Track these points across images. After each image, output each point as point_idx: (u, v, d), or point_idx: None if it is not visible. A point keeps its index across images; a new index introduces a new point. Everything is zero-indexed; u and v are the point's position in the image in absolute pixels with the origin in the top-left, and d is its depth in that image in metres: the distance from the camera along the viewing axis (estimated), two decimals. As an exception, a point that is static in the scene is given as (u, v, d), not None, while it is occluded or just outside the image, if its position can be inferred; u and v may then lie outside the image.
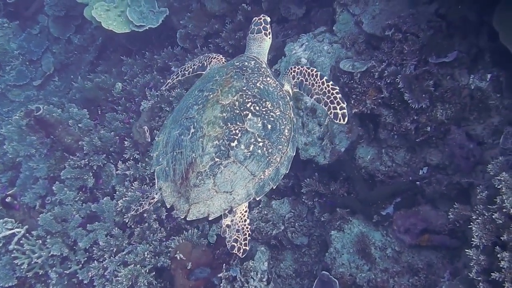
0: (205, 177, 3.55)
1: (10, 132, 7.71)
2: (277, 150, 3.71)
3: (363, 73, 5.41)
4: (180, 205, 3.65)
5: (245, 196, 3.61)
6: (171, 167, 3.76)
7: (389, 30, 5.41)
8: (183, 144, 3.69)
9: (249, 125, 3.64)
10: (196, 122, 3.70)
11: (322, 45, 5.90)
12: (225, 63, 4.45)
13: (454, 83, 5.12)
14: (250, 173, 3.60)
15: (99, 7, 8.25)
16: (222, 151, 3.56)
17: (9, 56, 10.74)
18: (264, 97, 3.81)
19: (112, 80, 8.42)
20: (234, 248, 3.74)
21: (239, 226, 3.79)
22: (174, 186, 3.73)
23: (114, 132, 7.33)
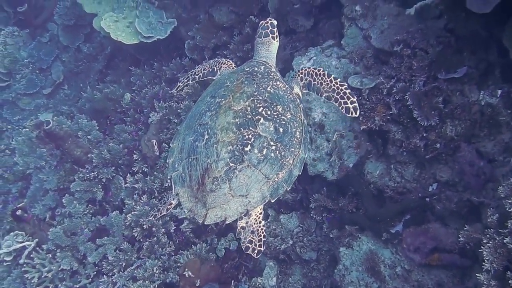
0: (221, 182, 3.61)
1: (20, 144, 7.76)
2: (290, 153, 3.77)
3: (371, 89, 5.38)
4: (198, 210, 3.72)
5: (260, 199, 3.68)
6: (187, 173, 3.82)
7: (397, 45, 5.39)
8: (198, 150, 3.75)
9: (262, 130, 3.70)
10: (209, 128, 3.76)
11: (330, 60, 5.87)
12: (235, 69, 4.48)
13: (463, 99, 5.08)
14: (264, 176, 3.66)
15: (107, 18, 8.25)
16: (236, 156, 3.62)
17: (19, 64, 10.78)
18: (275, 101, 3.87)
19: (121, 90, 8.43)
20: (249, 249, 3.76)
21: (254, 228, 3.82)
22: (191, 191, 3.79)
23: (123, 144, 7.34)
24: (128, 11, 8.44)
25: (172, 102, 7.49)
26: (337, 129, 5.69)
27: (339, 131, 5.66)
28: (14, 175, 8.50)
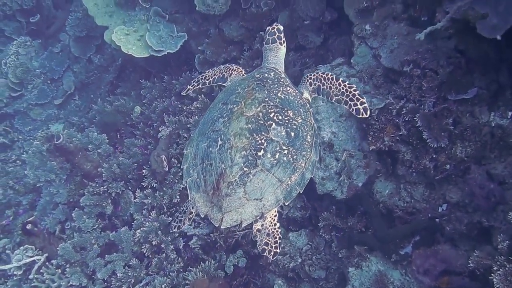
0: (235, 187, 3.72)
1: (31, 157, 7.83)
2: (301, 156, 3.88)
3: (381, 109, 5.37)
4: (214, 214, 3.82)
5: (274, 202, 3.79)
6: (202, 179, 3.93)
7: (407, 65, 5.36)
8: (212, 156, 3.85)
9: (274, 134, 3.80)
10: (223, 134, 3.86)
11: (340, 79, 5.84)
12: (246, 76, 4.59)
13: (474, 120, 5.05)
14: (278, 180, 3.77)
15: (119, 31, 8.29)
16: (250, 161, 3.72)
17: (31, 74, 10.88)
18: (285, 106, 3.98)
19: (131, 103, 8.47)
20: (265, 251, 3.87)
21: (270, 230, 3.93)
22: (207, 196, 3.88)
23: (132, 158, 7.37)
24: (139, 24, 8.48)
25: (182, 117, 7.51)
26: (346, 148, 5.67)
27: (348, 150, 5.65)
28: (24, 186, 8.57)
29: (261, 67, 4.60)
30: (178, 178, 6.83)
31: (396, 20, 5.75)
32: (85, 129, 9.40)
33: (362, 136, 5.68)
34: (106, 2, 9.00)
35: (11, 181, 8.79)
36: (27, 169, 7.88)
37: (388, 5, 5.78)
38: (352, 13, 6.07)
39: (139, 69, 9.44)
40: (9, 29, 11.61)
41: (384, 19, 5.80)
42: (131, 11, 8.75)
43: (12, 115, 10.77)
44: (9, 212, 8.43)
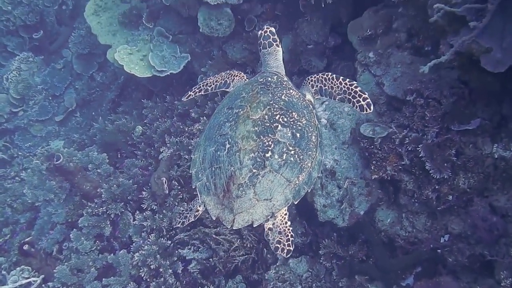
0: (245, 188, 3.79)
1: (30, 176, 7.78)
2: (307, 156, 3.97)
3: (383, 138, 5.34)
4: (225, 216, 3.89)
5: (284, 202, 3.87)
6: (211, 182, 3.99)
7: (410, 95, 5.36)
8: (220, 159, 3.93)
9: (280, 136, 3.89)
10: (230, 138, 3.94)
11: (343, 106, 5.83)
12: (249, 80, 4.69)
13: (476, 151, 5.01)
14: (286, 180, 3.85)
15: (122, 50, 8.31)
16: (258, 163, 3.80)
17: (32, 90, 10.88)
18: (290, 108, 4.07)
19: (133, 123, 8.44)
20: (278, 249, 3.94)
21: (281, 228, 4.00)
22: (217, 199, 3.95)
23: (132, 179, 7.33)
24: (142, 44, 8.50)
25: (183, 138, 7.48)
26: (348, 176, 5.64)
27: (351, 178, 5.61)
28: (23, 205, 8.51)
29: (263, 72, 4.69)
30: (178, 200, 6.79)
31: (399, 48, 5.75)
32: (85, 146, 9.42)
33: (364, 164, 5.65)
34: (110, 21, 9.04)
35: (9, 199, 8.72)
36: (25, 188, 7.82)
37: (392, 33, 5.78)
38: (356, 40, 6.08)
39: (141, 87, 9.45)
40: (11, 44, 11.64)
41: (388, 48, 5.80)
42: (135, 31, 8.77)
43: (12, 131, 10.75)
44: (6, 231, 8.37)
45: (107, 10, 9.25)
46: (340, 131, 5.69)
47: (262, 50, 4.70)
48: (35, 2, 11.58)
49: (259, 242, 6.39)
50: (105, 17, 9.15)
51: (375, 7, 6.02)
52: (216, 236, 6.34)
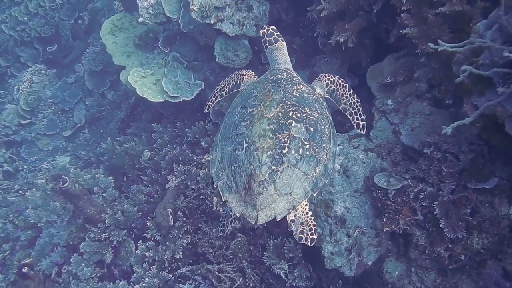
0: (266, 185, 3.91)
1: (35, 196, 7.67)
2: (322, 149, 4.11)
3: (397, 190, 5.23)
4: (249, 213, 4.00)
5: (303, 195, 4.00)
6: (232, 180, 4.09)
7: (428, 148, 5.27)
8: (239, 158, 4.04)
9: (295, 132, 4.02)
10: (247, 137, 4.05)
11: (357, 153, 5.73)
12: (259, 79, 4.78)
13: (493, 212, 4.89)
14: (304, 173, 3.99)
15: (135, 73, 8.24)
16: (276, 159, 3.92)
17: (42, 103, 10.84)
18: (301, 103, 4.21)
19: (141, 147, 8.35)
20: (302, 239, 4.06)
21: (303, 219, 4.12)
22: (239, 197, 4.06)
23: (138, 206, 7.23)
24: (157, 68, 8.44)
25: (191, 167, 7.38)
26: (358, 225, 5.52)
27: (361, 227, 5.50)
28: (24, 222, 8.41)
29: (272, 69, 4.80)
30: (182, 232, 6.68)
31: (419, 98, 5.66)
32: (91, 164, 9.35)
33: (375, 214, 5.53)
34: (125, 42, 9.00)
35: (11, 215, 8.62)
36: (29, 208, 7.70)
37: (412, 82, 5.70)
38: (375, 86, 6.00)
39: (152, 109, 9.39)
40: (25, 55, 11.68)
41: (407, 96, 5.72)
42: (150, 54, 8.73)
43: (20, 143, 10.68)
44: (6, 247, 8.27)
45: (123, 31, 9.22)
46: (353, 179, 5.58)
47: (269, 46, 4.76)
48: (52, 14, 11.63)
49: (261, 282, 6.27)
50: (121, 37, 9.12)
51: (396, 54, 5.94)
52: (219, 273, 6.22)
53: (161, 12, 7.91)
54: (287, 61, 4.86)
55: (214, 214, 6.78)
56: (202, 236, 6.77)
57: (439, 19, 5.00)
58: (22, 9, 11.87)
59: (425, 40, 5.09)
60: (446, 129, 4.19)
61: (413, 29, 5.14)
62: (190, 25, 7.65)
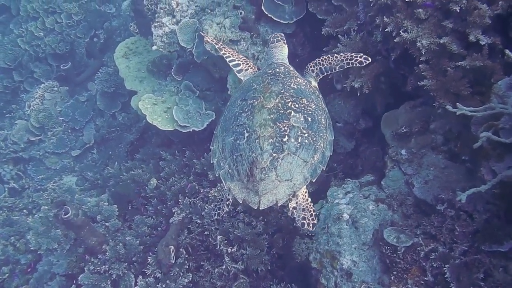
0: (268, 171, 4.08)
1: (37, 222, 7.55)
2: (320, 137, 4.32)
3: (408, 248, 5.01)
4: (251, 198, 4.16)
5: (303, 181, 4.19)
6: (234, 169, 4.26)
7: (441, 204, 5.05)
8: (241, 147, 4.22)
9: (294, 121, 4.22)
10: (248, 127, 4.24)
11: (368, 203, 5.53)
12: (258, 73, 5.08)
13: (507, 277, 4.63)
14: (303, 161, 4.17)
15: (146, 99, 8.13)
16: (277, 147, 4.11)
17: (53, 121, 10.78)
18: (299, 95, 4.44)
19: (148, 174, 8.19)
20: (304, 225, 4.28)
21: (304, 205, 4.33)
22: (242, 184, 4.22)
23: (140, 239, 7.05)
24: (168, 95, 8.33)
25: (197, 200, 7.22)
26: (365, 280, 5.29)
27: (367, 283, 5.26)
28: (25, 245, 8.29)
29: (270, 64, 5.08)
30: (183, 271, 6.50)
31: (434, 150, 5.45)
32: (98, 186, 9.25)
33: (383, 269, 5.31)
34: (138, 67, 8.93)
35: (13, 238, 8.50)
36: (30, 234, 7.56)
37: (428, 134, 5.49)
38: (389, 134, 5.80)
39: (162, 134, 9.24)
40: (38, 71, 11.64)
41: (422, 148, 5.51)
42: (162, 80, 8.64)
43: (27, 160, 10.61)
44: (5, 269, 8.15)
45: (137, 55, 9.17)
46: (362, 231, 5.37)
47: (270, 44, 5.27)
48: (67, 32, 11.63)
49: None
50: (134, 61, 9.07)
51: (413, 102, 5.75)
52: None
53: (175, 41, 7.80)
54: (285, 59, 5.20)
55: (217, 252, 6.59)
56: (204, 274, 6.58)
57: (459, 72, 4.83)
58: (39, 25, 11.93)
59: (443, 93, 4.93)
60: (461, 196, 4.00)
61: (431, 81, 4.97)
62: (204, 56, 7.52)
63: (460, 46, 4.88)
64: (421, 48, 4.94)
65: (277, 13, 7.01)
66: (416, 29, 5.02)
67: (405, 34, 5.02)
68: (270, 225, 6.60)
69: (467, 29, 4.73)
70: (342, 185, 6.04)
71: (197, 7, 7.87)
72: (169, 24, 7.92)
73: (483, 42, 4.67)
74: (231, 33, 7.10)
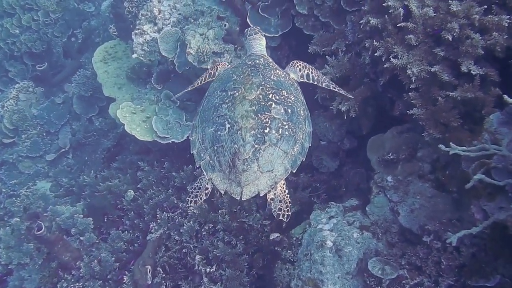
0: (250, 162, 4.19)
1: (7, 235, 7.25)
2: (299, 129, 4.45)
3: (392, 280, 4.90)
4: (233, 189, 4.27)
5: (284, 171, 4.34)
6: (215, 160, 4.37)
7: (427, 235, 4.96)
8: (222, 138, 4.30)
9: (275, 113, 4.32)
10: (230, 118, 4.31)
11: (352, 231, 5.39)
12: (236, 64, 5.12)
13: (492, 313, 4.58)
14: (284, 152, 4.30)
15: (125, 107, 7.87)
16: (259, 138, 4.21)
17: (27, 123, 10.40)
18: (279, 87, 4.53)
19: (125, 186, 7.94)
20: (280, 216, 4.37)
21: (281, 197, 4.41)
22: (223, 174, 4.34)
23: (115, 255, 6.83)
24: (148, 104, 8.08)
25: (176, 215, 7.02)
26: (348, 310, 5.18)
27: (350, 312, 5.16)
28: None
29: (249, 55, 5.14)
30: (160, 291, 6.31)
31: (421, 179, 5.33)
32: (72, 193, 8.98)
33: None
34: (117, 73, 8.67)
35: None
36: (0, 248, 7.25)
37: (415, 162, 5.38)
38: (375, 160, 5.68)
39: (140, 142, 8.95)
40: (14, 70, 11.25)
41: (409, 175, 5.39)
42: (142, 88, 8.36)
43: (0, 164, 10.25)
44: (-28, 283, 7.83)
45: (116, 60, 8.89)
46: (345, 260, 5.23)
47: (248, 37, 5.31)
48: (44, 30, 11.23)
49: None
50: (113, 67, 8.79)
51: (400, 127, 5.63)
52: None
53: (157, 50, 7.55)
54: (263, 50, 5.28)
55: (196, 272, 6.40)
56: (181, 294, 6.41)
57: (449, 102, 4.71)
58: (15, 21, 11.47)
59: (432, 123, 4.82)
60: (451, 239, 3.92)
61: (421, 110, 4.85)
62: (185, 66, 7.29)
63: (451, 75, 4.77)
64: (411, 75, 4.81)
65: (263, 26, 6.79)
66: (406, 56, 4.90)
67: (395, 60, 4.89)
68: (250, 245, 6.42)
69: (459, 58, 4.63)
70: (326, 208, 5.89)
71: (179, 15, 7.63)
72: (150, 32, 7.67)
73: (474, 73, 4.55)
74: (215, 45, 6.88)
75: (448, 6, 4.67)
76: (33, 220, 7.05)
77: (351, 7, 6.06)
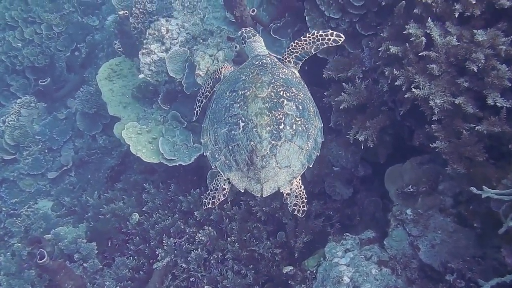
0: (268, 159, 4.16)
1: (8, 261, 7.01)
2: (311, 125, 4.42)
3: (413, 322, 4.68)
4: (253, 187, 4.25)
5: (301, 167, 4.33)
6: (231, 159, 4.29)
7: (450, 274, 4.71)
8: (236, 137, 4.24)
9: (288, 109, 4.29)
10: (243, 116, 4.25)
11: (370, 266, 5.16)
12: (243, 65, 4.99)
13: None
14: (299, 147, 4.28)
15: (130, 128, 7.66)
16: (275, 134, 4.18)
17: (29, 140, 10.19)
18: (288, 84, 4.51)
19: (130, 209, 7.71)
20: (295, 211, 4.37)
21: (297, 192, 4.39)
22: (241, 173, 4.29)
23: (120, 284, 6.61)
24: (154, 124, 7.88)
25: (183, 241, 6.80)
26: None
27: None
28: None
29: (255, 56, 5.03)
30: (166, 323, 6.08)
31: (442, 213, 5.10)
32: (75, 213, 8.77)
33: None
34: (123, 91, 8.47)
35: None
36: (1, 275, 7.01)
37: (436, 195, 5.16)
38: (394, 191, 5.46)
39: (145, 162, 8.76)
40: (16, 84, 11.07)
41: (429, 209, 5.17)
42: (148, 108, 8.17)
43: (0, 181, 10.00)
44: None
45: (121, 78, 8.69)
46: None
47: (247, 40, 5.20)
48: (47, 44, 11.07)
49: None
50: (118, 85, 8.58)
51: (419, 158, 5.41)
52: None
53: (164, 70, 7.36)
54: (266, 50, 5.23)
55: (204, 302, 6.18)
56: (188, 326, 6.18)
57: (474, 136, 4.50)
58: (17, 35, 11.30)
59: (456, 157, 4.60)
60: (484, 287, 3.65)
61: (444, 143, 4.63)
62: (194, 87, 7.10)
63: (476, 106, 4.55)
64: (434, 107, 4.60)
65: (274, 48, 6.59)
66: (428, 86, 4.69)
67: (417, 90, 4.68)
68: (261, 275, 6.20)
69: (485, 90, 4.42)
70: (341, 240, 5.66)
71: (188, 35, 7.44)
72: (157, 51, 7.47)
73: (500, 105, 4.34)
74: (224, 67, 6.67)
75: (473, 35, 4.48)
76: (34, 246, 6.81)
77: (367, 31, 5.90)
